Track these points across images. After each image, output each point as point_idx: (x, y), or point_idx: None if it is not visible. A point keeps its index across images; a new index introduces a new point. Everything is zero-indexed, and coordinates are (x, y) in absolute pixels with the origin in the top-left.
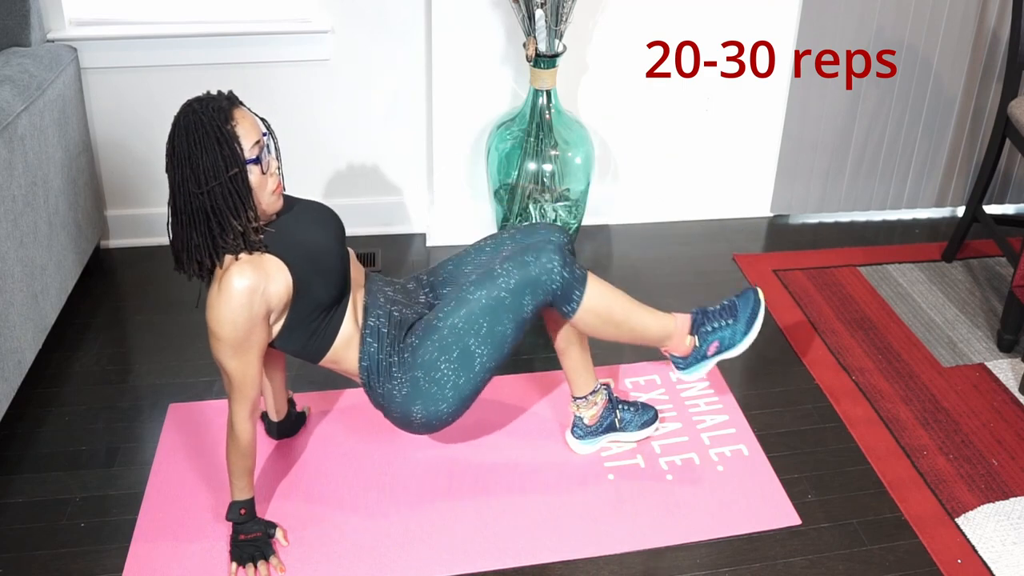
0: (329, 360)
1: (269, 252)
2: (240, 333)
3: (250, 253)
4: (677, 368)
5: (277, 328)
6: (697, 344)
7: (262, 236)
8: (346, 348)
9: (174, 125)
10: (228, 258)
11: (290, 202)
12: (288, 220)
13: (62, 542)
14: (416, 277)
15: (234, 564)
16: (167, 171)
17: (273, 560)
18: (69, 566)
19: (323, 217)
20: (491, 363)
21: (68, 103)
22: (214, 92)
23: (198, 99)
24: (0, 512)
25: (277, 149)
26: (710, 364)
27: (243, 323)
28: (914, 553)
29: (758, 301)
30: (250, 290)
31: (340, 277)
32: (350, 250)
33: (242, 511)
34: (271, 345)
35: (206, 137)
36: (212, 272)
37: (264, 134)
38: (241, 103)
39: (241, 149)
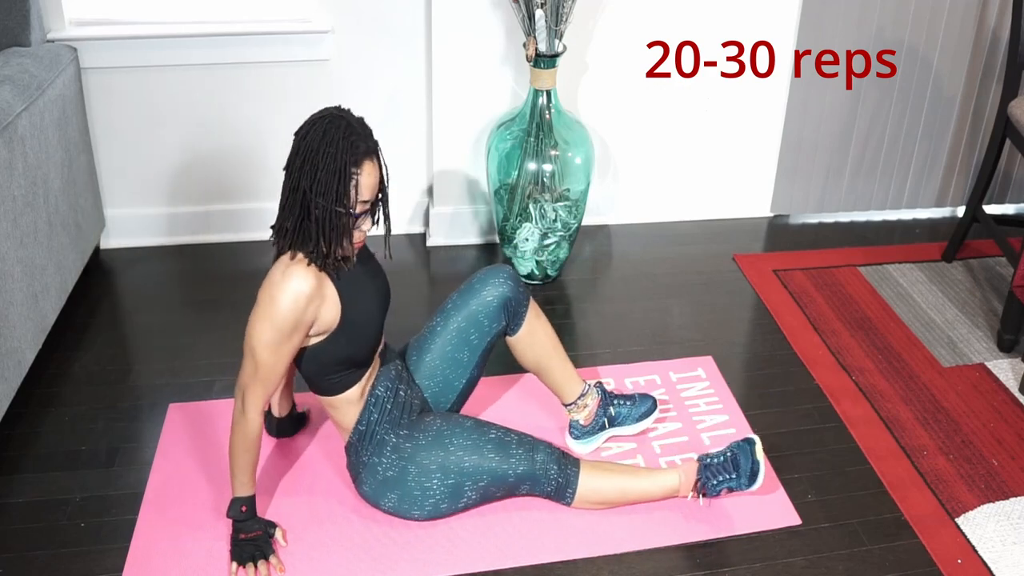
0: (328, 404)
1: (334, 283)
2: (286, 326)
3: (319, 270)
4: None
5: (313, 340)
6: (706, 494)
7: (335, 269)
8: (347, 405)
9: (319, 118)
10: (300, 256)
11: (366, 254)
12: (360, 275)
13: (62, 542)
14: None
15: (234, 564)
16: (294, 141)
17: (273, 560)
18: (69, 566)
19: (382, 290)
20: (473, 505)
21: (68, 103)
22: (358, 119)
23: (348, 120)
24: (0, 512)
25: (387, 215)
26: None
27: (291, 317)
28: (914, 553)
29: (756, 462)
30: (308, 297)
31: (369, 349)
32: None
33: (243, 508)
34: None
35: (333, 162)
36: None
37: (377, 200)
38: (379, 156)
39: (352, 198)
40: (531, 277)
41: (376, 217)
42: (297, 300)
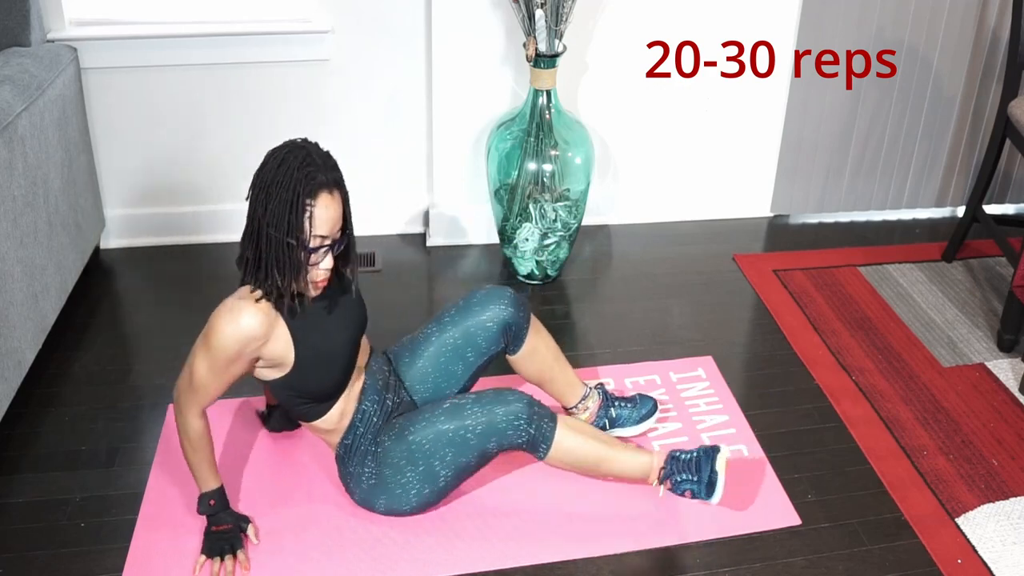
0: (307, 427)
1: (287, 323)
2: (222, 358)
3: (273, 307)
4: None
5: (271, 374)
6: (671, 489)
7: (288, 306)
8: (326, 430)
9: (279, 149)
10: (257, 292)
11: (337, 287)
12: (321, 313)
13: (62, 542)
14: (386, 364)
15: (203, 556)
16: (255, 175)
17: (240, 555)
18: (69, 566)
19: (350, 317)
20: (455, 481)
21: (68, 103)
22: (322, 152)
23: (309, 151)
24: (0, 512)
25: (352, 262)
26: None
27: (229, 351)
28: (914, 553)
29: (715, 472)
30: (249, 337)
31: (336, 384)
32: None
33: (211, 502)
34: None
35: (285, 191)
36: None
37: (336, 241)
38: (339, 190)
39: (306, 231)
40: (531, 277)
41: (346, 256)
42: (237, 337)
